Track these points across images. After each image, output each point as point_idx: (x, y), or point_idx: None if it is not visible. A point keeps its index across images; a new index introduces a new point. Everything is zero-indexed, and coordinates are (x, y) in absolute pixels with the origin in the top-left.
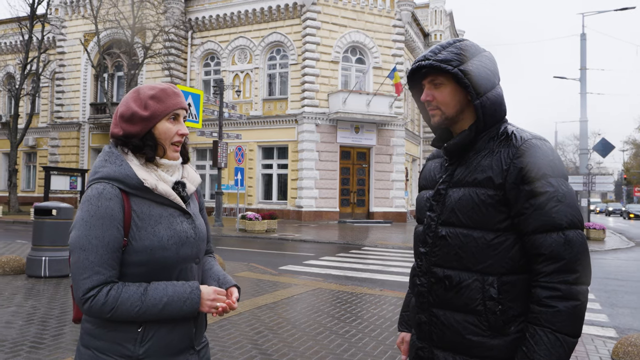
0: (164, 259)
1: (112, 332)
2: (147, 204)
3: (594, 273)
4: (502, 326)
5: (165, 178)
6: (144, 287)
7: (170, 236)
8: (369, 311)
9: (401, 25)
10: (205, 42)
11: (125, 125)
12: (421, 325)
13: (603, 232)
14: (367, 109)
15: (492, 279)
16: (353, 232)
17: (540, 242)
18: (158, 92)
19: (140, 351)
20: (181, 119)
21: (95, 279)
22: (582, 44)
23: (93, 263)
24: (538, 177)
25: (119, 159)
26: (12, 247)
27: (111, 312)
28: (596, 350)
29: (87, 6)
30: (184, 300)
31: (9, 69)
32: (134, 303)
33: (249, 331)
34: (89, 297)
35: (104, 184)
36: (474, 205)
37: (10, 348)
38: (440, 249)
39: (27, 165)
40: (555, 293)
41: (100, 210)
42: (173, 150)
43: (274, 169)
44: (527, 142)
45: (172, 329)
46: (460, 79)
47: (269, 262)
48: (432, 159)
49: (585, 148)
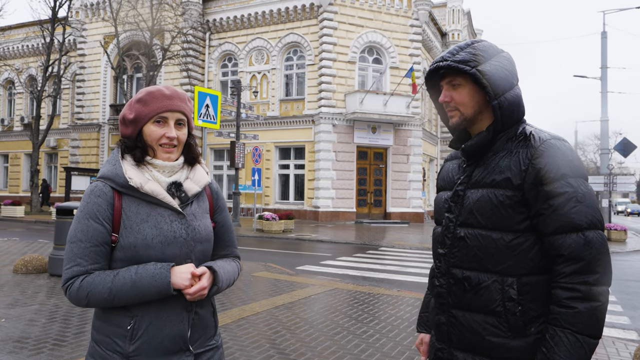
0: (148, 257)
1: (106, 326)
2: (137, 203)
3: (615, 275)
4: (523, 327)
5: (158, 178)
6: (117, 271)
7: (155, 235)
8: (386, 312)
9: (418, 25)
10: (222, 43)
11: (121, 127)
12: (440, 327)
13: (624, 233)
14: (384, 109)
15: (512, 280)
16: (370, 233)
17: (559, 243)
18: (145, 95)
19: (130, 349)
20: (170, 122)
21: (75, 269)
22: (602, 42)
23: (75, 255)
24: (557, 178)
25: (115, 159)
26: (34, 247)
27: (87, 297)
28: (617, 353)
29: (106, 9)
30: (152, 275)
31: (31, 71)
32: (105, 285)
33: (267, 331)
34: (67, 286)
35: (98, 182)
36: (492, 206)
37: (34, 345)
38: (459, 250)
39: (48, 165)
40: (575, 294)
41: (88, 206)
42: (163, 152)
43: (291, 170)
44: (546, 143)
45: (163, 327)
46: (479, 79)
47: (286, 262)
48: (450, 160)
49: (606, 148)
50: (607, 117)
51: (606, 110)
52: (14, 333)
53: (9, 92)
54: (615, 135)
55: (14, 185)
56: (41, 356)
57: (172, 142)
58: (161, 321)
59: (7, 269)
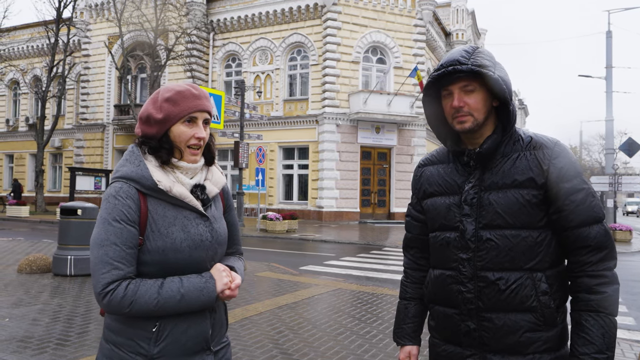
0: (176, 261)
1: (128, 329)
2: (163, 205)
3: (620, 275)
4: (555, 318)
5: (183, 180)
6: (161, 281)
7: (184, 239)
8: (389, 312)
9: (422, 25)
10: (226, 43)
11: (143, 126)
12: (470, 333)
13: (630, 234)
14: (388, 109)
15: (541, 275)
16: (374, 233)
17: (585, 234)
18: (174, 95)
19: (154, 350)
20: (200, 122)
21: (114, 273)
22: (607, 42)
23: (112, 259)
24: (575, 175)
25: (138, 159)
26: (39, 246)
27: (130, 305)
28: (622, 353)
29: (111, 9)
30: (200, 289)
31: (36, 71)
32: (152, 296)
33: (270, 331)
34: (108, 291)
35: (122, 183)
36: (520, 205)
37: (37, 345)
38: (487, 252)
39: (53, 165)
40: (603, 280)
41: (117, 208)
42: (190, 154)
43: (295, 170)
44: (558, 144)
45: (187, 328)
46: (499, 84)
47: (289, 262)
48: (428, 165)
49: (611, 148)
50: (612, 117)
51: (611, 110)
52: (18, 332)
53: (14, 93)
54: (620, 135)
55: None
56: (44, 356)
57: (200, 142)
58: (186, 322)
59: (11, 268)
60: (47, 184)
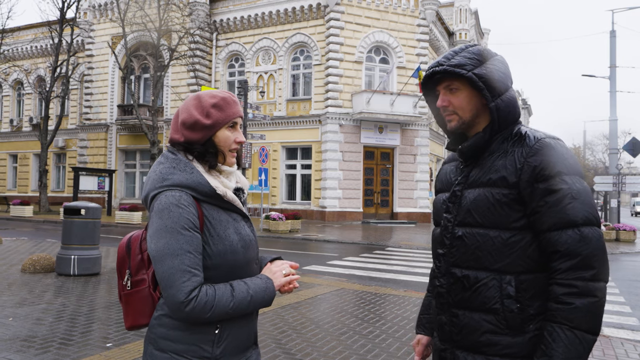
0: (235, 262)
1: (191, 335)
2: (216, 210)
3: (624, 275)
4: (520, 324)
5: (227, 184)
6: (229, 284)
7: (239, 240)
8: (392, 312)
9: (425, 25)
10: (229, 43)
11: (187, 132)
12: (443, 327)
13: (634, 234)
14: (391, 109)
15: (510, 278)
16: (377, 233)
17: (555, 239)
18: (219, 101)
19: (217, 352)
20: (238, 127)
21: (195, 280)
22: (611, 42)
23: (189, 266)
24: (552, 175)
25: (189, 166)
26: (43, 246)
27: (211, 310)
28: (626, 354)
29: (114, 10)
30: (264, 289)
31: (40, 72)
32: (228, 299)
33: (273, 330)
34: (192, 298)
35: (179, 192)
36: (489, 205)
37: (41, 344)
38: (457, 250)
39: (56, 165)
40: (572, 290)
41: (183, 216)
42: (231, 157)
43: (298, 169)
44: (540, 141)
45: (243, 326)
46: (475, 82)
47: None
48: (447, 162)
49: (615, 148)
50: (615, 116)
51: (615, 109)
52: (21, 332)
53: (17, 93)
54: (624, 135)
55: (22, 185)
56: (48, 355)
57: (239, 146)
58: (242, 321)
59: (15, 268)
60: (51, 183)
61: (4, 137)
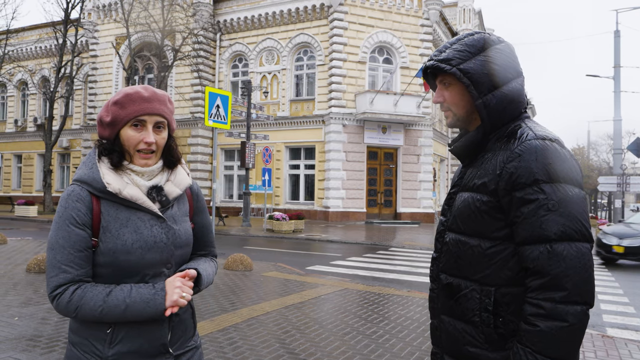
0: (128, 263)
1: (86, 329)
2: (115, 207)
3: (627, 276)
4: (499, 340)
5: (138, 182)
6: (110, 289)
7: (135, 240)
8: (396, 312)
9: (429, 25)
10: (233, 44)
11: (98, 127)
12: (434, 331)
13: None
14: (395, 109)
15: (490, 290)
16: (380, 233)
17: (527, 254)
18: (122, 98)
19: (109, 353)
20: (149, 126)
21: (62, 277)
22: (615, 41)
23: (60, 262)
24: (528, 183)
25: (92, 161)
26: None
27: (76, 310)
28: (630, 354)
29: (118, 10)
30: (146, 301)
31: (44, 72)
32: (97, 303)
33: (277, 330)
34: (56, 295)
35: (74, 186)
36: (470, 211)
37: (46, 344)
38: (444, 255)
39: (61, 166)
40: (539, 311)
41: (67, 211)
42: (140, 157)
43: (301, 170)
44: (524, 144)
45: (142, 333)
46: (460, 78)
47: (296, 262)
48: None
49: (619, 148)
50: (620, 116)
51: (619, 109)
52: (27, 331)
53: (22, 93)
54: (628, 135)
55: (27, 185)
56: (53, 354)
57: (150, 147)
58: (140, 327)
59: (20, 268)
60: (55, 184)
61: (8, 137)
